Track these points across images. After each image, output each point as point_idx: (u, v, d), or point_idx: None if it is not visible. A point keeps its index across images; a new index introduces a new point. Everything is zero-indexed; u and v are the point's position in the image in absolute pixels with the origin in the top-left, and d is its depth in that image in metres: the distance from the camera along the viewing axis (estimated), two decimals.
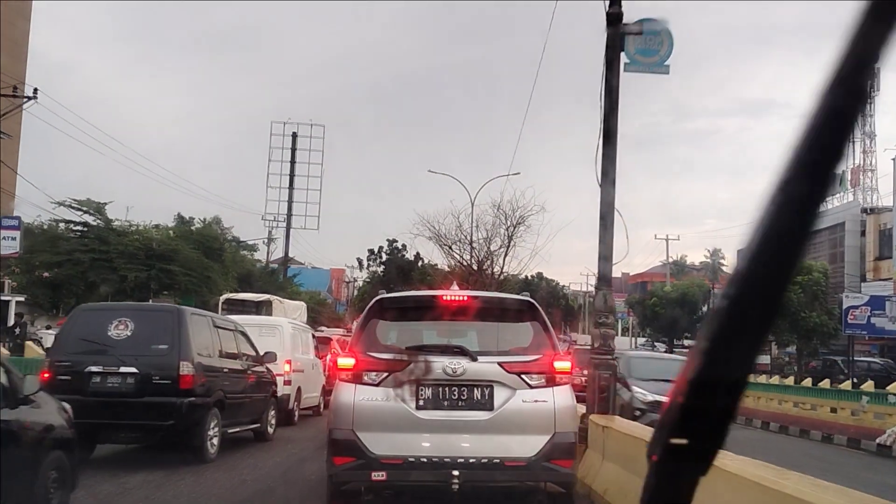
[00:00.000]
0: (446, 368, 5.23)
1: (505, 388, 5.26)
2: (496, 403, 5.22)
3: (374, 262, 72.71)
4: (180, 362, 8.46)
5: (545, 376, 5.34)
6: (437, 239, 33.34)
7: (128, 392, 8.32)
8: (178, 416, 8.40)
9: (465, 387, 5.25)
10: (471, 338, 5.84)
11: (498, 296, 7.09)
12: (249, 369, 10.87)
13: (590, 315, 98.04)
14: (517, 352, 5.56)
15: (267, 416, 11.54)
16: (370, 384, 5.27)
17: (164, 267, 33.54)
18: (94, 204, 34.45)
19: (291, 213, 51.64)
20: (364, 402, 5.23)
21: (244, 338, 11.07)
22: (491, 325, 5.85)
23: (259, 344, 13.66)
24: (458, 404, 5.23)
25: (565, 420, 5.35)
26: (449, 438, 5.21)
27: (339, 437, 5.27)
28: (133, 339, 8.53)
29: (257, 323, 14.63)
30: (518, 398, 5.24)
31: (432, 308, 5.93)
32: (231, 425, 9.85)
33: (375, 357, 5.37)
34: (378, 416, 5.23)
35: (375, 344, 5.54)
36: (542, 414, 5.24)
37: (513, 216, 32.00)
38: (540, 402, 5.25)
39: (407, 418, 5.19)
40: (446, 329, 6.09)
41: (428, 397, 5.24)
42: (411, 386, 5.23)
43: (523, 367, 5.34)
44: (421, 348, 5.56)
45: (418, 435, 5.21)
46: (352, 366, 5.40)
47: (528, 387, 5.28)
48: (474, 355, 5.33)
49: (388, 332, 5.81)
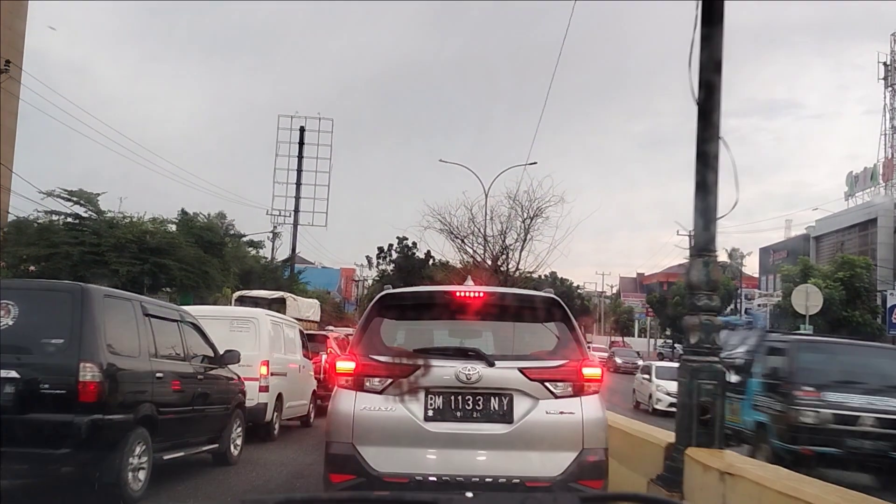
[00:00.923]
0: (459, 374, 4.68)
1: (526, 397, 4.74)
2: (516, 415, 4.72)
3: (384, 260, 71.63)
4: (80, 364, 5.95)
5: (572, 384, 4.78)
6: (448, 232, 30.61)
7: (5, 406, 5.80)
8: (76, 442, 5.89)
9: (481, 395, 4.74)
10: (487, 340, 5.29)
11: (518, 292, 6.42)
12: (204, 373, 8.30)
13: (605, 315, 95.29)
14: (540, 356, 4.99)
15: (230, 433, 8.96)
16: (373, 391, 4.78)
17: (159, 261, 31.34)
18: (86, 194, 32.23)
19: (298, 208, 49.86)
20: (366, 412, 4.74)
21: (197, 332, 8.50)
22: (510, 326, 5.27)
23: (230, 341, 11.15)
24: (472, 415, 4.73)
25: (595, 434, 4.78)
26: (462, 454, 4.72)
27: (337, 452, 4.79)
28: (15, 330, 6.04)
29: (227, 315, 12.04)
30: (541, 409, 4.72)
31: (443, 305, 5.35)
32: (170, 448, 7.31)
33: (379, 360, 4.85)
34: (381, 428, 4.74)
35: (379, 346, 5.01)
36: (569, 427, 4.71)
37: (530, 207, 29.36)
38: (566, 414, 4.71)
39: (414, 431, 4.69)
40: (459, 329, 5.54)
41: (438, 407, 4.74)
42: (419, 394, 4.73)
43: (547, 374, 4.78)
44: (430, 351, 5.00)
45: (427, 450, 4.72)
46: (352, 370, 4.86)
47: (553, 396, 4.74)
48: (491, 360, 4.76)
49: (394, 332, 5.30)
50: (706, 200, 4.98)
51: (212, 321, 11.45)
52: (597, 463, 4.73)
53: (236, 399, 9.26)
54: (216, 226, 41.31)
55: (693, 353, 4.94)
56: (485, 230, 30.13)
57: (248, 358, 11.06)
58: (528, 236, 29.72)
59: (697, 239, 5.00)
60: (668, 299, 53.37)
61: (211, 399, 8.46)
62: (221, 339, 11.03)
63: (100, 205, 32.86)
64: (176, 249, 32.82)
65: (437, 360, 4.77)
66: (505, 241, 30.45)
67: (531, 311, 5.21)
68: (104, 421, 6.05)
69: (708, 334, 4.89)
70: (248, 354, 11.08)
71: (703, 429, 4.84)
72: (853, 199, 47.71)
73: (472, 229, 30.35)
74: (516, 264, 30.60)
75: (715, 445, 4.84)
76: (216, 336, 11.04)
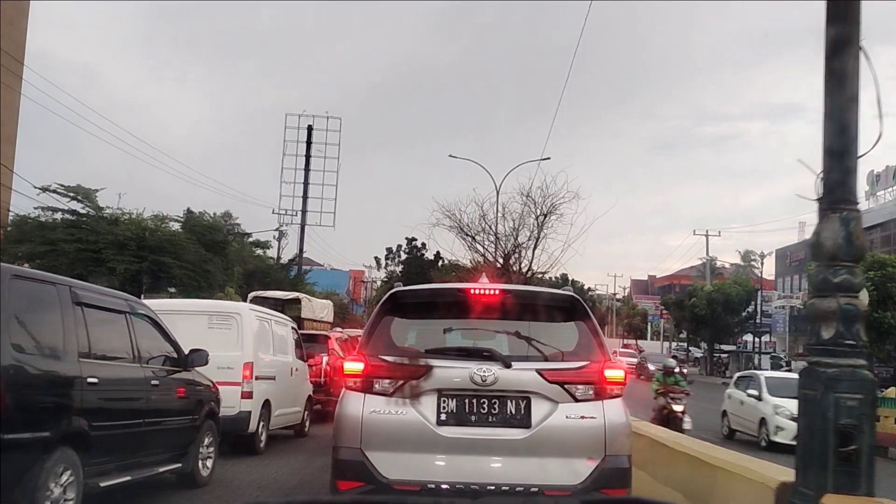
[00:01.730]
0: (474, 376, 4.44)
1: (545, 400, 4.50)
2: (534, 419, 4.46)
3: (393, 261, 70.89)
4: None
5: (594, 387, 4.54)
6: (458, 229, 28.92)
7: None
8: None
9: (497, 398, 4.50)
10: (503, 340, 4.95)
11: (536, 290, 6.09)
12: (162, 378, 6.79)
13: (619, 315, 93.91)
14: (559, 357, 4.72)
15: (197, 449, 7.44)
16: (382, 394, 4.55)
17: (158, 259, 30.30)
18: (84, 190, 31.36)
19: (306, 209, 49.21)
20: (374, 416, 4.50)
21: (155, 328, 6.98)
22: (528, 325, 4.84)
23: (208, 339, 9.62)
24: (488, 420, 4.49)
25: (618, 440, 4.49)
26: (477, 461, 4.47)
27: (345, 458, 4.54)
28: None
29: (204, 309, 10.45)
30: (561, 413, 4.47)
31: (457, 303, 5.06)
32: (112, 472, 5.84)
33: (389, 361, 4.63)
34: (391, 433, 4.51)
35: (389, 346, 4.80)
36: (591, 432, 4.45)
37: (543, 204, 27.74)
38: (587, 419, 4.46)
39: (426, 436, 4.44)
40: (474, 329, 5.16)
41: (451, 410, 4.50)
42: (431, 397, 4.51)
43: (567, 376, 4.56)
44: (443, 351, 4.77)
45: (439, 456, 4.48)
46: (360, 371, 4.62)
47: (574, 399, 4.50)
48: (508, 361, 4.52)
49: (405, 331, 5.12)
50: (844, 133, 3.41)
51: (187, 316, 9.96)
52: (621, 471, 4.52)
53: (207, 408, 7.73)
54: (219, 224, 40.39)
55: (826, 352, 3.34)
56: (496, 227, 28.79)
57: (228, 359, 9.57)
58: (542, 234, 28.23)
59: (830, 186, 3.42)
60: (685, 300, 51.54)
61: (172, 409, 6.99)
62: (197, 338, 9.55)
63: (98, 201, 31.96)
64: (176, 248, 31.78)
65: (451, 361, 4.60)
66: (517, 238, 28.97)
67: (549, 310, 5.02)
68: (6, 441, 4.54)
69: (850, 325, 3.31)
70: (229, 355, 9.61)
71: (843, 465, 3.24)
72: (874, 198, 46.18)
73: (482, 226, 29.01)
74: (529, 263, 28.98)
75: (862, 491, 3.26)
76: (192, 334, 9.51)
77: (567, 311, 4.96)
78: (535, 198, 27.69)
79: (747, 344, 54.21)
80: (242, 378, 9.67)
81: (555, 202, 27.26)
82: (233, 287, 36.58)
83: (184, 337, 9.58)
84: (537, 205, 27.78)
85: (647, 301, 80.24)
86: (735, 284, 50.73)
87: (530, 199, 27.85)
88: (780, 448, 13.78)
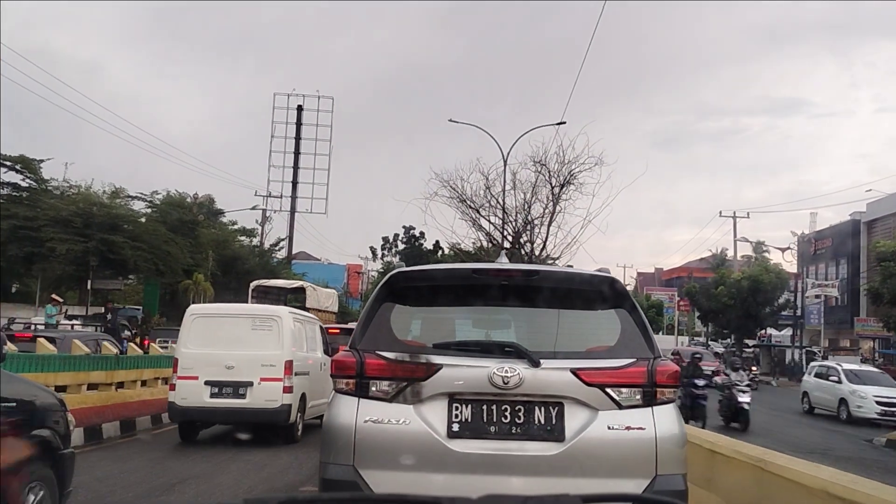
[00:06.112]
0: (494, 377, 3.63)
1: (582, 407, 3.70)
2: (568, 430, 3.66)
3: (389, 251, 68.00)
4: None
5: (641, 391, 3.72)
6: (459, 200, 24.83)
7: None
8: None
9: (522, 405, 3.70)
10: (527, 332, 4.14)
11: (567, 271, 5.22)
12: None
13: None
14: (598, 354, 3.90)
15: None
16: (380, 398, 3.74)
17: (107, 238, 26.79)
18: (26, 160, 28.09)
19: (296, 194, 45.94)
20: (370, 425, 3.69)
21: None
22: (558, 314, 4.09)
23: (253, 340, 10.82)
24: (510, 431, 3.68)
25: (672, 455, 3.68)
26: (496, 482, 3.57)
27: (334, 477, 3.70)
28: None
29: (248, 313, 11.58)
30: (601, 423, 3.66)
31: (471, 288, 4.11)
32: None
33: (388, 358, 3.77)
34: (391, 447, 3.67)
35: (388, 339, 3.91)
36: (639, 447, 3.64)
37: (559, 172, 24.20)
38: (634, 430, 3.66)
39: (434, 450, 3.63)
40: (491, 318, 4.44)
41: (466, 420, 3.69)
42: (441, 402, 3.69)
43: (609, 377, 3.72)
44: (455, 346, 3.87)
45: (450, 476, 3.62)
46: (353, 369, 3.77)
47: (617, 406, 3.70)
48: (536, 358, 3.68)
49: (408, 321, 4.19)
50: None
51: (232, 319, 11.15)
52: (675, 493, 3.64)
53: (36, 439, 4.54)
54: (185, 202, 36.35)
55: None
56: (503, 200, 25.03)
57: (271, 357, 10.73)
58: (558, 208, 24.43)
59: None
60: (711, 289, 47.62)
61: None
62: (243, 339, 10.76)
63: (42, 173, 28.65)
64: (132, 226, 28.74)
65: (465, 359, 3.75)
66: (530, 212, 25.18)
67: (584, 296, 4.07)
68: None
69: None
70: (272, 354, 10.75)
71: None
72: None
73: (487, 199, 25.15)
74: (543, 241, 24.88)
75: None
76: (237, 335, 10.77)
77: (605, 297, 4.06)
78: (549, 166, 24.27)
79: (771, 338, 49.96)
80: (284, 374, 10.65)
81: (573, 170, 23.90)
82: (202, 274, 32.47)
83: (230, 338, 10.82)
84: (552, 173, 24.37)
85: (661, 293, 75.51)
86: (768, 272, 45.71)
87: (544, 168, 24.43)
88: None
